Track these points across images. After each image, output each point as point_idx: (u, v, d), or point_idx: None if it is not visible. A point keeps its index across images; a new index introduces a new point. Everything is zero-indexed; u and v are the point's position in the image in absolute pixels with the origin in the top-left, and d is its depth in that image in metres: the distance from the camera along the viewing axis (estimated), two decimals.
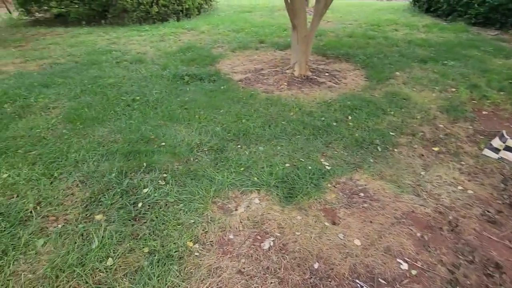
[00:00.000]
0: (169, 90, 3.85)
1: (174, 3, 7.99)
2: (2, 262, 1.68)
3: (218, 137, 2.89)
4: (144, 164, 2.46)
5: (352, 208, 2.15)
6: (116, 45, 5.87)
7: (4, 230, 1.86)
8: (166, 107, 3.42)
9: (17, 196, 2.15)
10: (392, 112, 3.46)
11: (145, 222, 1.97)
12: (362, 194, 2.27)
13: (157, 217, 2.00)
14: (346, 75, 4.60)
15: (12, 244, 1.78)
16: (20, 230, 1.87)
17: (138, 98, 3.59)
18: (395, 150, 2.82)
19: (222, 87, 3.99)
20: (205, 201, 2.14)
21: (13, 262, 1.69)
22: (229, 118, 3.22)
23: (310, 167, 2.50)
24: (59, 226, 1.93)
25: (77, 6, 8.14)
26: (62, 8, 8.23)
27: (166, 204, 2.11)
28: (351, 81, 4.40)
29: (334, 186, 2.35)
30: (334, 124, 3.19)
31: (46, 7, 8.48)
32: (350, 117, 3.34)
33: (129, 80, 4.14)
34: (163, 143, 2.76)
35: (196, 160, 2.57)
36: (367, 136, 2.98)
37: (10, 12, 9.60)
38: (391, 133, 3.06)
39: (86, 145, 2.70)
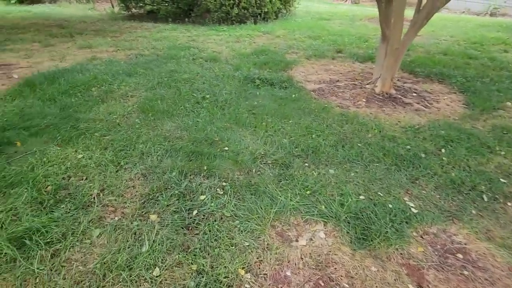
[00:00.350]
0: (239, 92, 3.74)
1: (254, 6, 8.05)
2: (60, 246, 1.68)
3: (284, 150, 2.63)
4: (205, 167, 2.33)
5: (446, 272, 1.67)
6: (194, 43, 6.10)
7: (68, 212, 1.89)
8: (234, 109, 3.30)
9: (86, 178, 2.20)
10: (502, 152, 2.75)
11: (197, 234, 1.81)
12: (460, 256, 1.76)
13: (210, 231, 1.82)
14: (439, 98, 3.92)
15: (72, 229, 1.78)
16: (82, 215, 1.88)
17: (208, 96, 3.56)
18: (509, 204, 2.18)
19: (293, 96, 3.73)
20: (263, 223, 1.90)
21: (69, 248, 1.67)
22: (298, 131, 2.94)
23: (390, 206, 2.06)
24: (116, 218, 1.89)
25: (167, 4, 8.82)
26: (154, 6, 9.02)
27: (222, 218, 1.92)
28: (445, 106, 3.72)
29: (421, 237, 1.88)
30: (423, 156, 2.66)
31: (141, 4, 9.42)
32: (444, 150, 2.75)
33: (202, 77, 4.18)
34: (226, 148, 2.62)
35: (259, 173, 2.35)
36: (467, 178, 2.39)
37: (113, 7, 10.92)
38: (501, 179, 2.41)
39: (154, 138, 2.70)
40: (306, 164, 2.48)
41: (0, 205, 1.91)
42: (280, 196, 2.10)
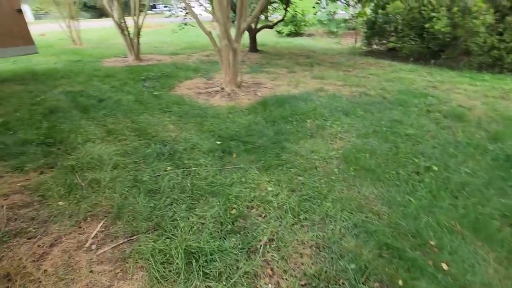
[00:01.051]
0: (489, 177, 2.48)
1: None
2: (213, 285, 1.59)
3: None
4: (400, 282, 1.57)
5: None
6: (435, 90, 4.99)
7: (234, 249, 1.80)
8: (474, 203, 2.18)
9: (264, 217, 2.09)
10: None
11: None
12: None
13: None
14: None
15: (228, 272, 1.66)
16: (243, 260, 1.73)
17: (435, 168, 2.60)
18: None
19: None
20: None
21: None
22: None
23: None
24: (269, 287, 1.59)
25: (413, 42, 8.01)
26: (398, 43, 8.46)
27: None
28: None
29: None
30: None
31: (384, 41, 9.16)
32: None
33: (433, 138, 3.20)
34: (445, 265, 1.68)
35: None
36: None
37: (356, 42, 11.49)
38: None
39: (345, 200, 2.22)
40: None
41: (198, 209, 2.17)
42: None
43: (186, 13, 6.85)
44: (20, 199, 2.31)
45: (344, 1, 10.70)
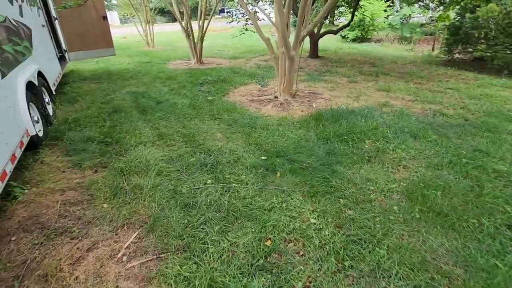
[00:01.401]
0: None
1: None
2: None
3: None
4: None
5: None
6: None
7: None
8: None
9: (302, 255, 1.82)
10: None
11: None
12: None
13: None
14: None
15: None
16: None
17: None
18: None
19: None
20: None
21: None
22: None
23: None
24: None
25: (509, 52, 6.69)
26: (489, 53, 7.18)
27: None
28: None
29: None
30: None
31: (471, 49, 7.89)
32: None
33: None
34: None
35: None
36: None
37: (433, 50, 10.19)
38: None
39: (404, 250, 1.81)
40: None
41: (231, 233, 2.00)
42: None
43: (247, 18, 6.87)
44: (73, 196, 2.46)
45: (423, 4, 9.56)
